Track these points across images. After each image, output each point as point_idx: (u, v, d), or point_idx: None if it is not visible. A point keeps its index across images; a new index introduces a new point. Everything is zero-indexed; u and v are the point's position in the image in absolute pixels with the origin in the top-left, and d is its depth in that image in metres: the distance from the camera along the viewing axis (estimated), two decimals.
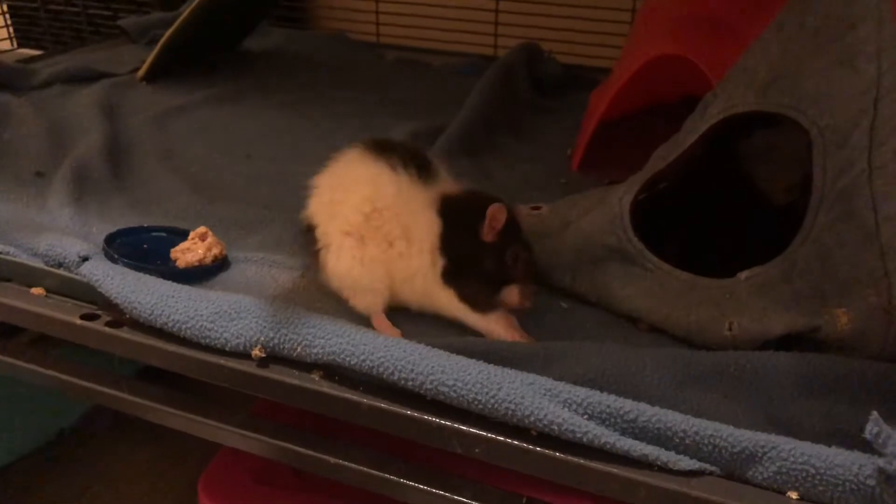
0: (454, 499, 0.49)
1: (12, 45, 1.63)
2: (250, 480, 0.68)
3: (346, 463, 0.52)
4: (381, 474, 0.51)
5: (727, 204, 0.68)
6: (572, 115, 0.98)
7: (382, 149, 0.58)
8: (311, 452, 0.52)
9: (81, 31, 1.62)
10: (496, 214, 0.54)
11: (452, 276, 0.56)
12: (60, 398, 1.02)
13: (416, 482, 0.50)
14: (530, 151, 0.90)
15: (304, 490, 0.68)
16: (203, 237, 0.65)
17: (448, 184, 0.59)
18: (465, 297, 0.55)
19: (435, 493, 0.50)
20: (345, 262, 0.56)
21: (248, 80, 1.15)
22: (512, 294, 0.55)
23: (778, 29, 0.53)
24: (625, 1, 1.19)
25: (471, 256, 0.55)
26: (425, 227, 0.56)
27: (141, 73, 1.11)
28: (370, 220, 0.56)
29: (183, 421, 0.56)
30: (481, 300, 0.55)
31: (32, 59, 1.22)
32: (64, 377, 0.61)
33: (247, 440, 0.54)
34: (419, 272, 0.56)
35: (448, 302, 0.56)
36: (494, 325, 0.55)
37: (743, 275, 0.52)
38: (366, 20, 1.36)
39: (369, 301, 0.57)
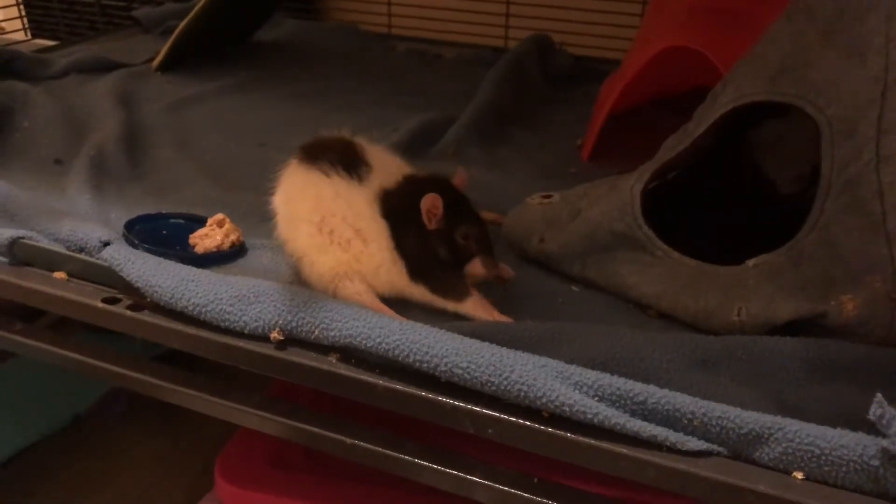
0: (467, 478, 0.51)
1: (26, 35, 1.65)
2: (265, 463, 0.70)
3: (362, 443, 0.53)
4: (396, 454, 0.52)
5: (735, 193, 0.69)
6: (582, 107, 0.99)
7: (314, 154, 0.58)
8: (327, 433, 0.54)
9: (95, 22, 1.64)
10: (431, 206, 0.55)
11: (417, 272, 0.57)
12: (75, 384, 1.05)
13: (430, 462, 0.51)
14: (540, 142, 0.91)
15: (318, 473, 0.69)
16: (221, 223, 0.66)
17: (384, 173, 0.58)
18: (436, 291, 0.57)
19: (448, 472, 0.51)
20: (318, 268, 0.57)
21: (261, 71, 1.16)
22: (475, 267, 0.56)
23: (788, 20, 0.54)
24: None
25: (425, 249, 0.56)
26: (374, 227, 0.57)
27: (156, 62, 1.12)
28: (322, 228, 0.57)
29: (203, 402, 0.58)
30: (452, 288, 0.56)
31: (47, 49, 1.23)
32: (84, 359, 0.62)
33: (265, 421, 0.56)
34: (382, 267, 0.57)
35: (422, 295, 0.57)
36: (472, 309, 0.56)
37: (751, 262, 0.53)
38: (377, 11, 1.37)
39: (356, 289, 0.57)
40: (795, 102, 0.53)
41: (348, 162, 0.57)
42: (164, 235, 0.66)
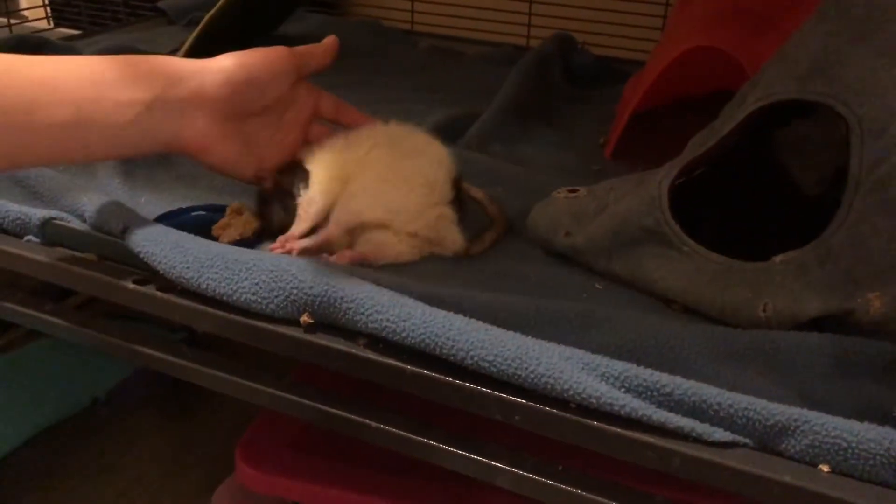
0: (492, 464, 0.51)
1: (49, 24, 1.66)
2: (287, 448, 0.71)
3: (388, 427, 0.54)
4: (421, 439, 0.53)
5: (759, 192, 0.69)
6: (604, 106, 1.00)
7: None
8: (354, 417, 0.54)
9: (118, 13, 1.65)
10: None
11: None
12: (95, 367, 1.06)
13: (455, 448, 0.52)
14: (563, 139, 0.92)
15: (339, 458, 0.70)
16: (239, 212, 0.67)
17: None
18: None
19: (473, 458, 0.52)
20: None
21: None
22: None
23: (820, 19, 0.54)
24: None
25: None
26: None
27: (181, 53, 1.13)
28: None
29: (232, 385, 0.58)
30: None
31: (72, 38, 1.25)
32: (114, 340, 0.63)
33: (292, 404, 0.56)
34: None
35: None
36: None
37: (778, 258, 0.54)
38: (400, 7, 1.38)
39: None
40: (826, 101, 0.53)
41: None
42: (188, 229, 0.67)
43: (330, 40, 0.68)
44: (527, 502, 0.52)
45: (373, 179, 0.62)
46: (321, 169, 0.63)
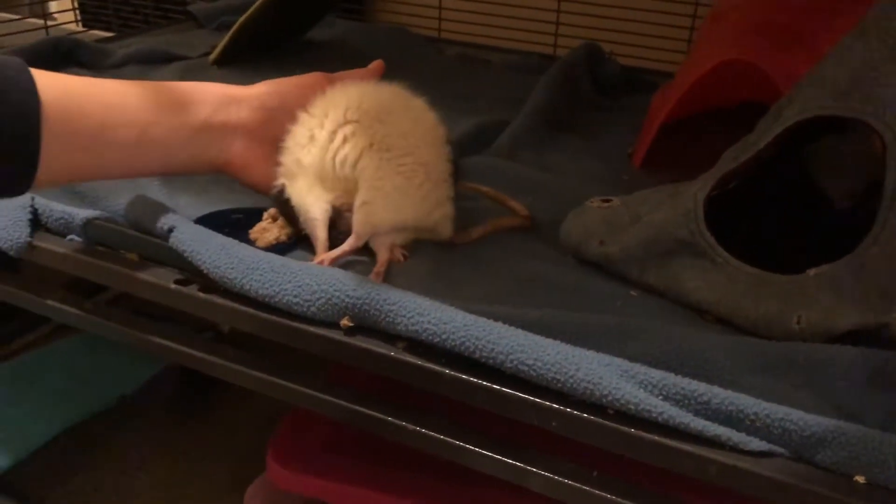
0: (527, 469, 0.52)
1: (78, 26, 1.69)
2: (318, 448, 0.72)
3: (424, 430, 0.54)
4: (457, 442, 0.54)
5: (788, 205, 0.70)
6: (632, 116, 1.01)
7: None
8: (390, 419, 0.55)
9: (148, 16, 1.67)
10: None
11: None
12: (123, 365, 1.07)
13: (491, 452, 0.53)
14: (591, 148, 0.92)
15: (370, 460, 0.71)
16: (276, 217, 0.68)
17: None
18: None
19: (508, 462, 0.53)
20: None
21: (314, 68, 1.16)
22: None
23: (858, 36, 0.55)
24: (685, 7, 1.21)
25: None
26: None
27: (213, 57, 1.14)
28: None
29: (266, 384, 0.59)
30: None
31: (103, 40, 1.26)
32: (149, 337, 0.64)
33: (329, 404, 0.57)
34: None
35: None
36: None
37: (812, 271, 0.54)
38: (428, 15, 1.39)
39: None
40: (862, 117, 0.54)
41: None
42: (226, 233, 0.68)
43: (377, 64, 0.73)
44: None
45: (387, 181, 0.61)
46: (297, 183, 0.64)
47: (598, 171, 0.87)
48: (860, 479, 0.44)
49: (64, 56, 1.10)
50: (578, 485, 0.51)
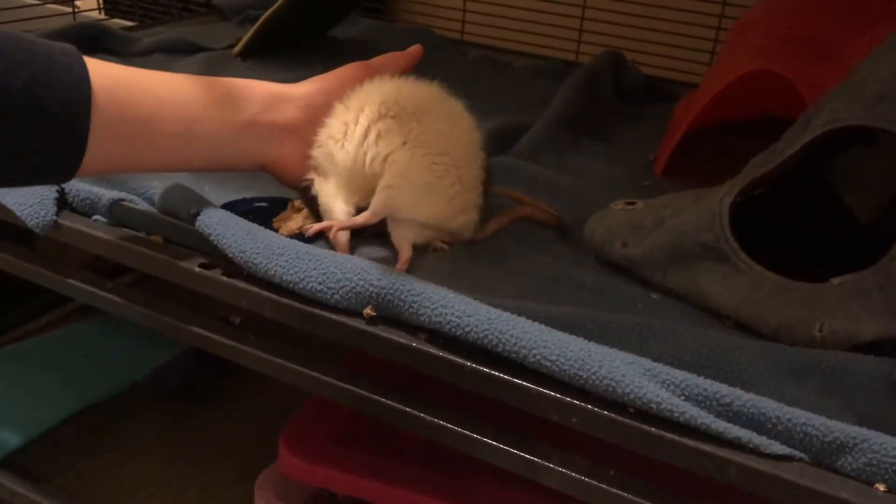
0: (542, 464, 0.52)
1: (101, 14, 1.70)
2: (331, 439, 0.72)
3: (442, 422, 0.55)
4: (474, 435, 0.54)
5: (810, 215, 0.70)
6: (653, 124, 1.01)
7: None
8: (409, 409, 0.56)
9: (171, 7, 1.68)
10: None
11: None
12: (136, 351, 1.08)
13: (507, 445, 0.53)
14: (613, 154, 0.93)
15: (382, 453, 0.71)
16: (300, 208, 0.68)
17: None
18: None
19: (523, 456, 0.53)
20: None
21: (337, 65, 1.17)
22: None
23: (890, 47, 0.55)
24: (710, 19, 1.21)
25: None
26: None
27: (237, 49, 1.15)
28: None
29: (288, 371, 0.60)
30: None
31: (126, 29, 1.27)
32: (169, 320, 0.65)
33: (347, 393, 0.58)
34: None
35: None
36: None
37: (836, 280, 0.54)
38: (451, 17, 1.39)
39: None
40: (892, 128, 0.54)
41: None
42: (249, 220, 0.68)
43: (415, 48, 0.72)
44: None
45: (416, 175, 0.61)
46: (326, 182, 0.65)
47: (618, 176, 0.87)
48: (881, 486, 0.44)
49: (90, 42, 1.11)
50: (595, 482, 0.51)
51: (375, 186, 0.61)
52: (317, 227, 0.62)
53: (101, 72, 0.55)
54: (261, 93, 0.63)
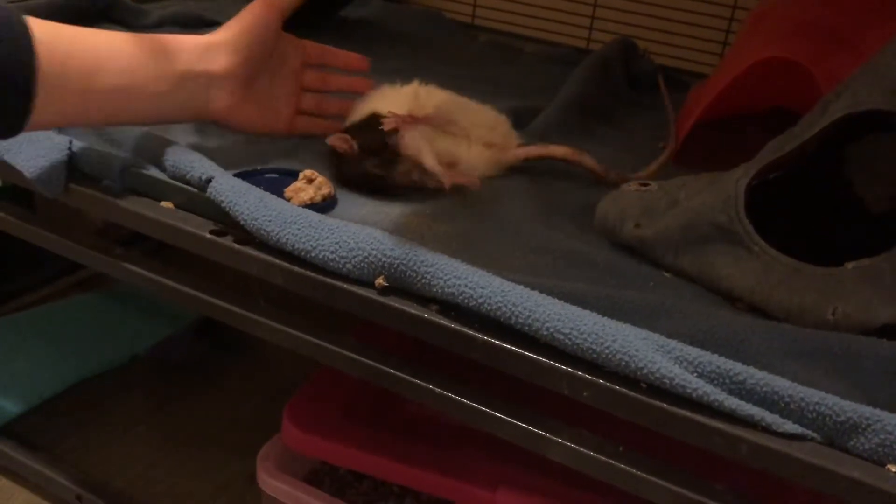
0: (552, 439, 0.52)
1: None
2: (335, 413, 0.72)
3: (451, 394, 0.55)
4: (483, 408, 0.54)
5: (824, 202, 0.70)
6: (664, 112, 1.00)
7: None
8: (418, 381, 0.55)
9: None
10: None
11: None
12: (137, 324, 1.07)
13: (516, 419, 0.53)
14: (624, 140, 0.92)
15: (385, 427, 0.71)
16: (311, 179, 0.68)
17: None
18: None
19: (531, 430, 0.53)
20: None
21: (347, 45, 1.16)
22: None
23: None
24: (723, 9, 1.20)
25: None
26: None
27: None
28: None
29: (298, 341, 0.59)
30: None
31: (137, 0, 1.26)
32: (181, 287, 0.65)
33: (355, 364, 0.57)
34: None
35: None
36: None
37: (850, 265, 0.54)
38: (463, 0, 1.39)
39: None
40: None
41: None
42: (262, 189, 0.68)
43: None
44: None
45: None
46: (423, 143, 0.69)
47: (629, 161, 0.86)
48: (892, 467, 0.44)
49: (100, 12, 1.11)
50: (604, 458, 0.51)
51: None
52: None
53: (42, 28, 0.56)
54: (190, 44, 0.65)
